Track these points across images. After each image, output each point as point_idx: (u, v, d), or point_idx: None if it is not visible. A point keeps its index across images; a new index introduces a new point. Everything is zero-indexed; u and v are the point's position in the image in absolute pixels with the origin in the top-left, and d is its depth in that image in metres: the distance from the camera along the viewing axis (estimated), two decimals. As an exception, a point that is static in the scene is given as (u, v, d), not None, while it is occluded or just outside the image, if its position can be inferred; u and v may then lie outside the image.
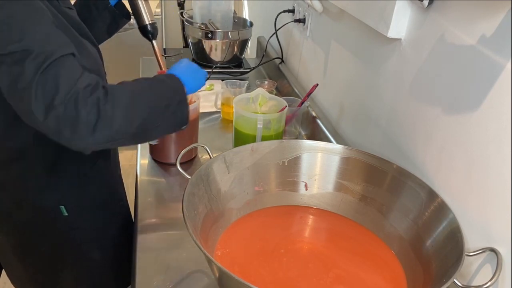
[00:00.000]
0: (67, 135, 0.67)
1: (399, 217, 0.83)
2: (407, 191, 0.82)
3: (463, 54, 0.73)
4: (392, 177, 0.86)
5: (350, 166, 0.91)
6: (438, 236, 0.74)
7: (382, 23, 0.90)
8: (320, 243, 0.86)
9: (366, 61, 1.07)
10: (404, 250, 0.81)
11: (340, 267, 0.80)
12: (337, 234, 0.89)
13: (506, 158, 0.64)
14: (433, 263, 0.72)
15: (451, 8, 0.76)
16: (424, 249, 0.76)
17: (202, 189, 0.81)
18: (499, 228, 0.66)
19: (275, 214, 0.92)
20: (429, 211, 0.78)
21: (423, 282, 0.72)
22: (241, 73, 1.72)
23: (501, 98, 0.65)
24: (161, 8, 2.74)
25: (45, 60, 0.66)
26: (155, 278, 0.81)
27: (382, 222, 0.86)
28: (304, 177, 0.93)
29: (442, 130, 0.79)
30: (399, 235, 0.83)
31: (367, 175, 0.89)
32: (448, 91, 0.77)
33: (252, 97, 1.17)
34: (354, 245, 0.85)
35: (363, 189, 0.90)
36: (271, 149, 0.91)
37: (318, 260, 0.81)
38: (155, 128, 0.77)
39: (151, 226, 0.95)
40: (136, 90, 0.75)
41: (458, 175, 0.75)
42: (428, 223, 0.77)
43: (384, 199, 0.87)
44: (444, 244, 0.72)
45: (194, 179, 0.79)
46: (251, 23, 1.77)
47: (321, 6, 1.30)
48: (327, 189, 0.93)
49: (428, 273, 0.72)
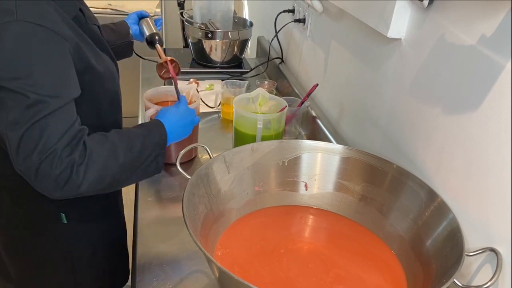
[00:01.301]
0: (36, 184, 0.71)
1: (399, 217, 0.83)
2: (407, 191, 0.83)
3: (463, 54, 0.73)
4: (392, 177, 0.86)
5: (350, 166, 0.91)
6: (438, 236, 0.74)
7: (382, 23, 0.90)
8: (320, 243, 0.86)
9: (366, 61, 1.07)
10: (404, 250, 0.81)
11: (340, 267, 0.80)
12: (337, 234, 0.89)
13: (506, 158, 0.64)
14: (433, 263, 0.72)
15: (451, 8, 0.76)
16: (424, 249, 0.76)
17: (202, 189, 0.81)
18: (499, 228, 0.66)
19: (275, 214, 0.92)
20: (429, 211, 0.78)
21: (423, 282, 0.72)
22: (241, 73, 1.72)
23: (501, 98, 0.65)
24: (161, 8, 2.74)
25: (39, 111, 0.68)
26: (155, 278, 0.81)
27: (382, 222, 0.86)
28: (304, 177, 0.94)
29: (442, 130, 0.79)
30: (399, 235, 0.83)
31: (367, 175, 0.89)
32: (448, 91, 0.77)
33: (252, 97, 1.17)
34: (354, 245, 0.85)
35: (363, 189, 0.90)
36: (271, 149, 0.92)
37: (318, 260, 0.81)
38: (125, 181, 0.81)
39: (151, 226, 0.95)
40: (114, 149, 0.77)
41: (458, 175, 0.75)
42: (428, 223, 0.77)
43: (384, 199, 0.87)
44: (444, 244, 0.72)
45: (194, 179, 0.79)
46: (251, 23, 1.77)
47: (321, 6, 1.30)
48: (327, 189, 0.93)
49: (428, 273, 0.72)
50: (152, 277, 0.81)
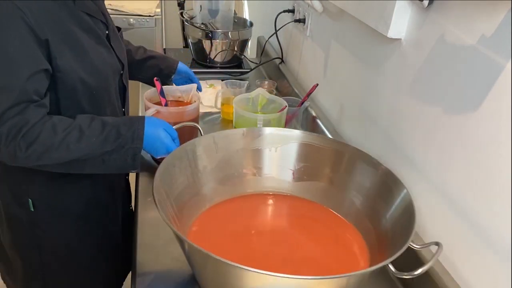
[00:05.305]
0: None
1: (358, 195, 0.88)
2: (363, 171, 0.88)
3: (463, 54, 0.73)
4: (349, 158, 0.91)
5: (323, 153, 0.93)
6: (394, 211, 0.79)
7: (382, 23, 0.90)
8: (287, 225, 0.91)
9: (366, 61, 1.07)
10: (365, 225, 0.86)
11: (307, 245, 0.84)
12: (305, 217, 0.92)
13: (506, 158, 0.64)
14: (390, 234, 0.77)
15: (451, 8, 0.76)
16: (382, 223, 0.81)
17: (186, 162, 0.85)
18: (499, 227, 0.66)
19: (253, 199, 0.94)
20: (385, 188, 0.83)
21: (383, 252, 0.77)
22: (241, 73, 1.72)
23: (501, 98, 0.65)
24: (161, 8, 2.74)
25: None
26: (155, 276, 0.81)
27: (342, 201, 0.91)
28: (291, 165, 0.95)
29: (442, 130, 0.79)
30: (358, 211, 0.88)
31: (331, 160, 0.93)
32: (448, 91, 0.77)
33: (252, 97, 1.17)
34: (319, 225, 0.89)
35: (331, 173, 0.93)
36: (261, 136, 0.94)
37: (285, 241, 0.85)
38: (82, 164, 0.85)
39: (151, 226, 0.95)
40: (66, 139, 0.79)
41: (458, 175, 0.75)
42: (384, 199, 0.82)
43: (343, 180, 0.91)
44: (399, 217, 0.77)
45: (178, 152, 0.83)
46: (251, 23, 1.77)
47: (321, 6, 1.30)
48: (312, 179, 0.95)
49: (385, 244, 0.77)
50: (153, 276, 0.81)
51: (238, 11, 2.14)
